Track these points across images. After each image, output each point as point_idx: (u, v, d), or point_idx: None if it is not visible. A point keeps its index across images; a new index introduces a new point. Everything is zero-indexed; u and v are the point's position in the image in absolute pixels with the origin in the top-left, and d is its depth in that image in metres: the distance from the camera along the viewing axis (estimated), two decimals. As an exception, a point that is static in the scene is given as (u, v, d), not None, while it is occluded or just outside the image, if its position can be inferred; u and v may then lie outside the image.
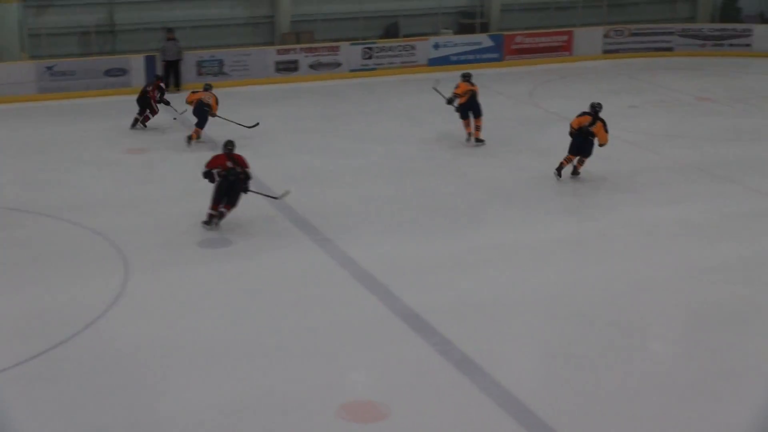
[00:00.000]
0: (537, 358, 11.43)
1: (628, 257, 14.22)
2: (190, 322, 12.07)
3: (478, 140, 20.06)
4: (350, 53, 27.72)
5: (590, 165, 17.80)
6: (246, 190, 15.21)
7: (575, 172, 17.71)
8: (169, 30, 25.75)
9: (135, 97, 21.81)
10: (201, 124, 20.21)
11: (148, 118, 21.47)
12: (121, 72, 25.47)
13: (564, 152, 17.63)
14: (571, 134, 17.44)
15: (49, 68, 24.95)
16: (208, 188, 15.29)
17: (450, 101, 20.00)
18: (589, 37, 30.62)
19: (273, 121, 22.32)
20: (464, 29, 30.37)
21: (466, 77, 20.24)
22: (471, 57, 29.13)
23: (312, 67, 27.34)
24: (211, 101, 20.28)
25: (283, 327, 11.92)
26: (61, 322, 11.93)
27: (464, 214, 15.99)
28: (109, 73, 25.49)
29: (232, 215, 15.32)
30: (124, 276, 13.38)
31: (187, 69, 26.03)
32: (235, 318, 12.17)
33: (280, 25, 28.28)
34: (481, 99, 20.16)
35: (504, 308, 12.47)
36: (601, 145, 17.41)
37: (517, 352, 11.44)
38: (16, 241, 14.84)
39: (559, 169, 17.58)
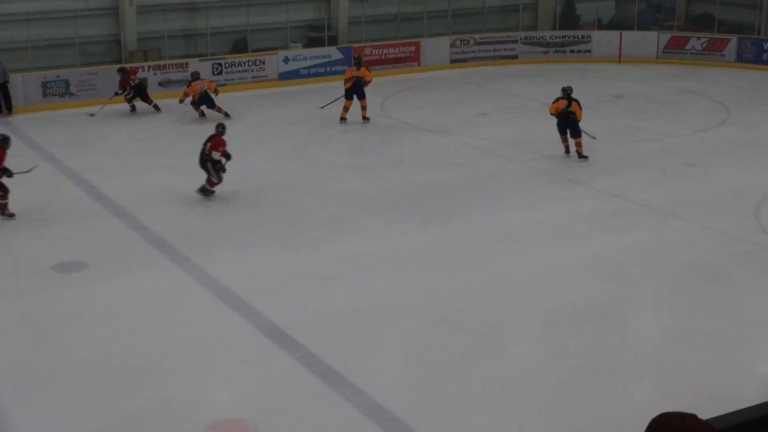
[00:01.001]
0: (401, 365, 11.61)
1: (486, 262, 14.54)
2: (50, 348, 11.82)
3: (365, 118, 23.18)
4: (199, 69, 27.50)
5: (444, 172, 18.13)
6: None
7: (582, 156, 19.41)
8: None
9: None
10: (212, 105, 23.69)
11: None
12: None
13: (417, 159, 17.89)
14: (555, 116, 19.43)
15: None
16: (60, 211, 14.96)
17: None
18: (436, 47, 31.17)
19: (124, 139, 22.02)
20: (313, 42, 30.52)
21: (356, 61, 23.64)
22: (321, 70, 29.29)
23: (161, 84, 27.02)
24: (207, 85, 24.00)
25: (145, 348, 11.79)
26: None
27: (324, 226, 16.08)
28: (-51, 96, 24.67)
29: (90, 238, 15.08)
30: (-23, 305, 13.01)
31: (32, 90, 25.40)
32: (97, 342, 11.97)
33: (127, 42, 27.88)
34: (334, 111, 20.27)
35: (367, 318, 12.60)
36: (577, 121, 19.28)
37: (381, 360, 11.59)
38: None
39: (567, 150, 19.71)
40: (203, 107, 24.01)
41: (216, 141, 17.39)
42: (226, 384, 11.16)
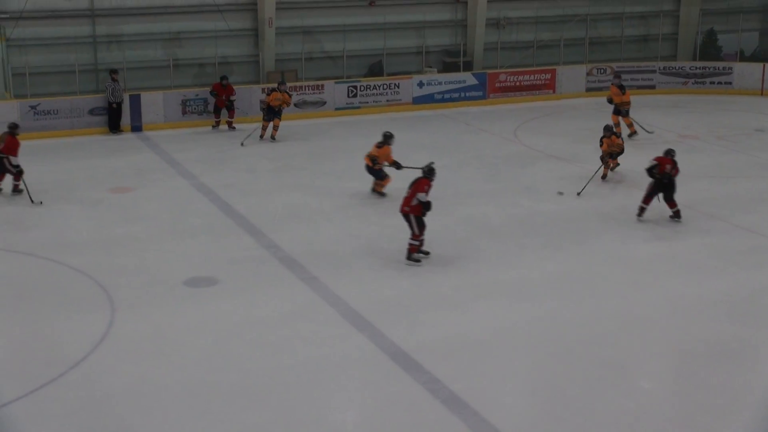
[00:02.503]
0: (526, 395, 11.37)
1: (615, 294, 14.22)
2: (177, 362, 11.99)
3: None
4: (335, 91, 27.80)
5: (576, 201, 17.84)
6: None
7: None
8: (113, 71, 25.61)
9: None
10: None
11: None
12: (105, 111, 25.42)
13: (548, 187, 17.65)
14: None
15: (33, 107, 24.90)
16: (191, 227, 15.24)
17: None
18: (572, 75, 30.81)
19: (257, 158, 22.34)
20: (448, 68, 30.51)
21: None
22: (455, 95, 29.26)
23: (297, 105, 27.37)
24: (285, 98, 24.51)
25: (272, 366, 11.85)
26: (46, 362, 11.84)
27: (451, 251, 15.96)
28: (93, 111, 25.45)
29: (221, 254, 15.32)
30: (110, 315, 13.30)
31: (172, 107, 26.03)
32: (223, 357, 12.10)
33: (264, 63, 28.35)
34: (466, 136, 20.10)
35: (492, 346, 12.43)
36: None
37: (505, 389, 11.38)
38: (1, 280, 14.74)
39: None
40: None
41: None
42: (348, 406, 11.11)
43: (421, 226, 15.34)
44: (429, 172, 15.62)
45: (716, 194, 19.11)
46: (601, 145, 19.76)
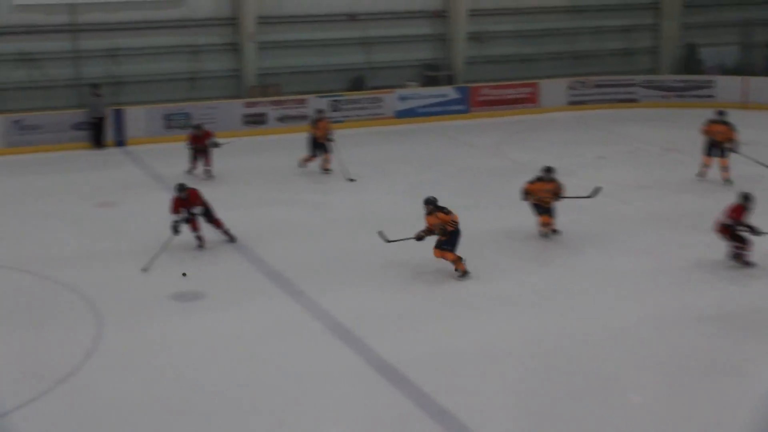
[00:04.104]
0: (514, 409, 11.38)
1: (602, 307, 14.25)
2: (165, 376, 11.95)
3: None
4: (317, 105, 27.81)
5: (561, 214, 17.89)
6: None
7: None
8: (95, 86, 25.63)
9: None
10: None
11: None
12: (89, 126, 25.37)
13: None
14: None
15: (16, 122, 24.83)
16: (176, 241, 15.21)
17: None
18: (554, 88, 30.98)
19: (242, 173, 22.33)
20: (430, 81, 30.61)
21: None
22: (438, 109, 29.36)
23: (280, 119, 27.40)
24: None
25: (259, 380, 11.82)
26: (34, 377, 11.77)
27: (432, 264, 15.97)
28: (76, 126, 25.40)
29: (208, 268, 15.27)
30: (97, 330, 13.25)
31: (155, 122, 26.02)
32: (211, 372, 12.06)
33: (246, 78, 28.36)
34: (449, 150, 20.17)
35: (480, 359, 12.43)
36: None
37: (494, 403, 11.38)
38: (-15, 297, 14.69)
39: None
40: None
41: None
42: (337, 420, 11.08)
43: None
44: None
45: (700, 207, 19.19)
46: None
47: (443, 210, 15.37)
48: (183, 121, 26.24)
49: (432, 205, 15.41)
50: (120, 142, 25.72)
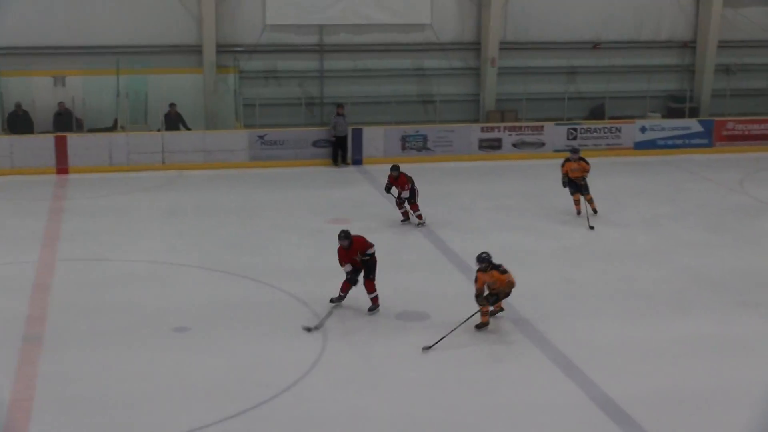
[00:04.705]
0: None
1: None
2: (384, 393, 12.06)
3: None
4: (554, 133, 27.56)
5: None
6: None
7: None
8: (340, 105, 26.23)
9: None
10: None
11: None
12: (328, 143, 26.10)
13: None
14: None
15: (261, 137, 25.82)
16: (407, 262, 15.34)
17: None
18: (807, 125, 29.45)
19: (474, 197, 22.36)
20: (673, 113, 29.72)
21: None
22: (679, 142, 28.48)
23: (515, 145, 27.30)
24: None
25: (477, 405, 11.75)
26: (261, 383, 12.13)
27: (668, 301, 15.45)
28: (316, 144, 26.18)
29: (435, 290, 15.33)
30: (323, 343, 13.52)
31: (392, 142, 26.47)
32: (428, 393, 12.07)
33: (485, 102, 28.44)
34: (689, 185, 19.48)
35: (704, 401, 11.90)
36: None
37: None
38: (221, 302, 15.25)
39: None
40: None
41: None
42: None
43: None
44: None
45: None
46: None
47: (498, 268, 13.98)
48: (419, 143, 26.57)
49: (486, 263, 13.97)
50: (357, 161, 26.29)
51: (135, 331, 13.94)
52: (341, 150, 26.16)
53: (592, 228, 19.46)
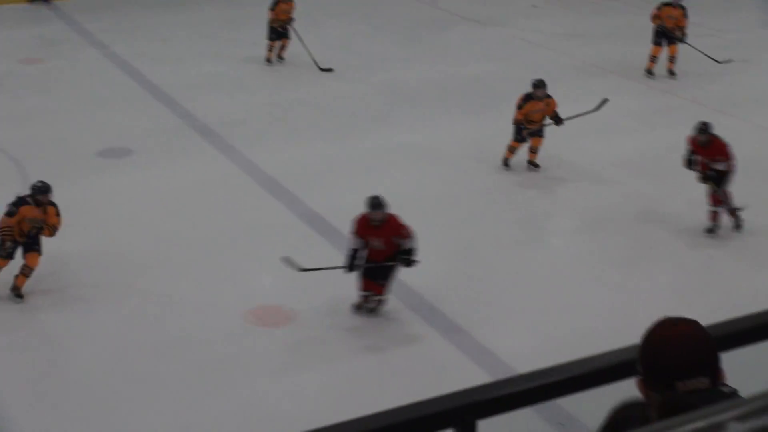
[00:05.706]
0: (435, 256, 11.40)
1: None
2: (95, 232, 12.00)
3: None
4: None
5: (489, 64, 17.82)
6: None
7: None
8: None
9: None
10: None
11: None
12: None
13: (472, 53, 17.65)
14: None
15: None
16: (103, 98, 15.14)
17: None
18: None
19: (171, 27, 21.90)
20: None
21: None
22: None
23: None
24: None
25: (189, 235, 11.95)
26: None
27: (367, 116, 16.03)
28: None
29: (135, 124, 15.20)
30: (23, 188, 13.14)
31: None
32: (141, 227, 12.15)
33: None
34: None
35: (405, 208, 12.47)
36: None
37: (425, 251, 11.55)
38: None
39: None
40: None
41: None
42: (266, 271, 11.26)
43: None
44: None
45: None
46: None
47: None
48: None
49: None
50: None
51: None
52: None
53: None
